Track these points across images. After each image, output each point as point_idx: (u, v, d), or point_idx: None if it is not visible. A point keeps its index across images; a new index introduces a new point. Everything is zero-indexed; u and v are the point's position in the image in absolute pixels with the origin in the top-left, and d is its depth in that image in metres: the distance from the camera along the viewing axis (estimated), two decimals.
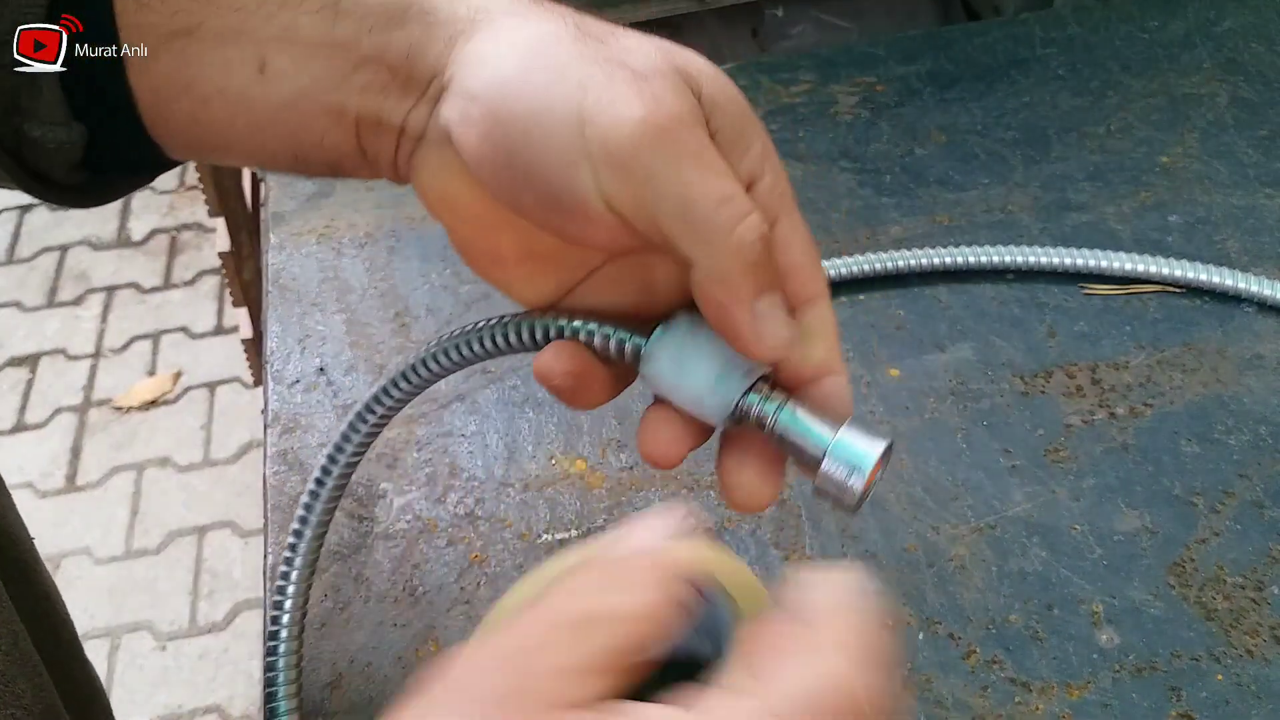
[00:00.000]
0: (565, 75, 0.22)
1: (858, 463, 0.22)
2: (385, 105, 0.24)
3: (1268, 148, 0.54)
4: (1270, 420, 0.42)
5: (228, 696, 1.17)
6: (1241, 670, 0.35)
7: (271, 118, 0.25)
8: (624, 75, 0.22)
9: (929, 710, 0.35)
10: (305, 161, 0.26)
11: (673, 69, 0.22)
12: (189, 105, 0.24)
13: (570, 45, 0.22)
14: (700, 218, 0.21)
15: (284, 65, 0.24)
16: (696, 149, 0.21)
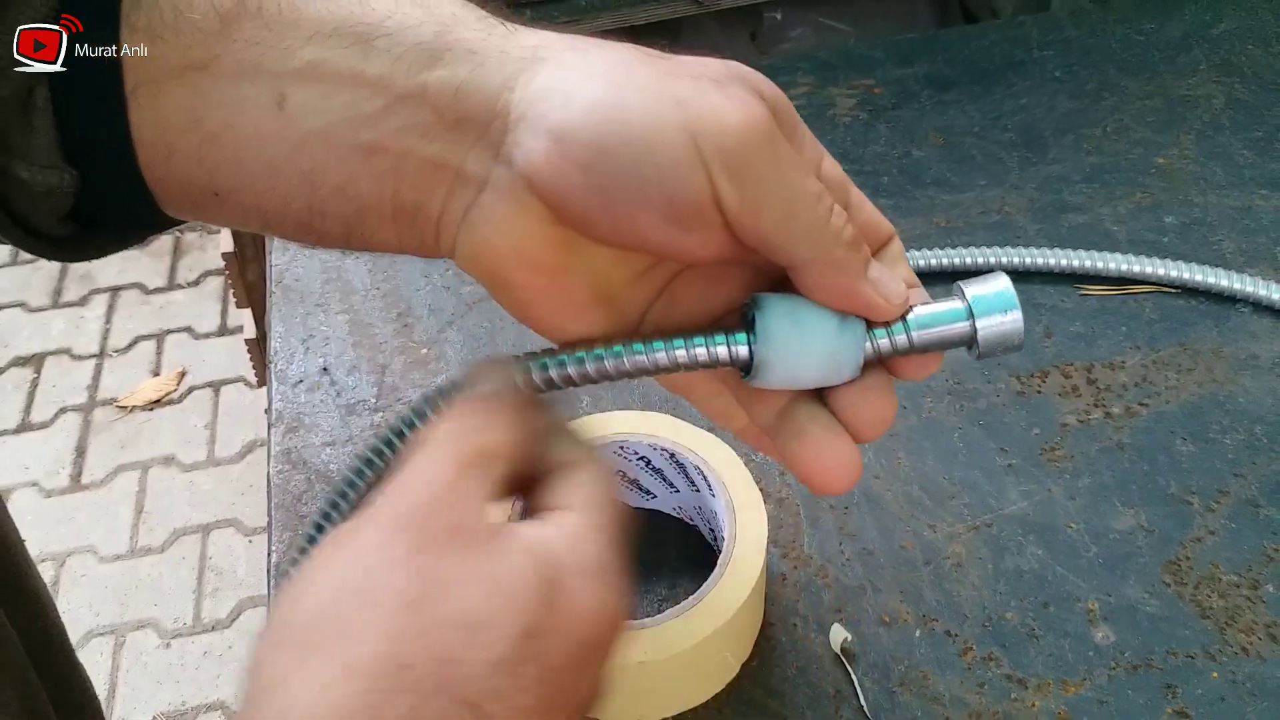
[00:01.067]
0: (659, 94, 0.22)
1: (1003, 304, 0.24)
2: (432, 149, 0.22)
3: (1263, 149, 0.54)
4: (1265, 419, 0.43)
5: (232, 694, 1.17)
6: (1237, 668, 0.35)
7: (288, 157, 0.23)
8: (711, 87, 0.22)
9: (926, 706, 0.35)
10: (320, 214, 0.23)
11: (740, 77, 0.23)
12: (196, 142, 0.23)
13: (647, 68, 0.23)
14: (805, 216, 0.23)
15: (306, 99, 0.22)
16: (788, 151, 0.23)
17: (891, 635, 0.37)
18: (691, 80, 0.22)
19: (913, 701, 0.35)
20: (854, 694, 0.35)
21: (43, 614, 0.37)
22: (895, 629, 0.37)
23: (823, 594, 0.38)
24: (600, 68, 0.22)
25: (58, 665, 0.37)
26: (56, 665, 0.36)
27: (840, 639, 0.36)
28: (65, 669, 0.38)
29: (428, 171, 0.23)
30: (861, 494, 0.41)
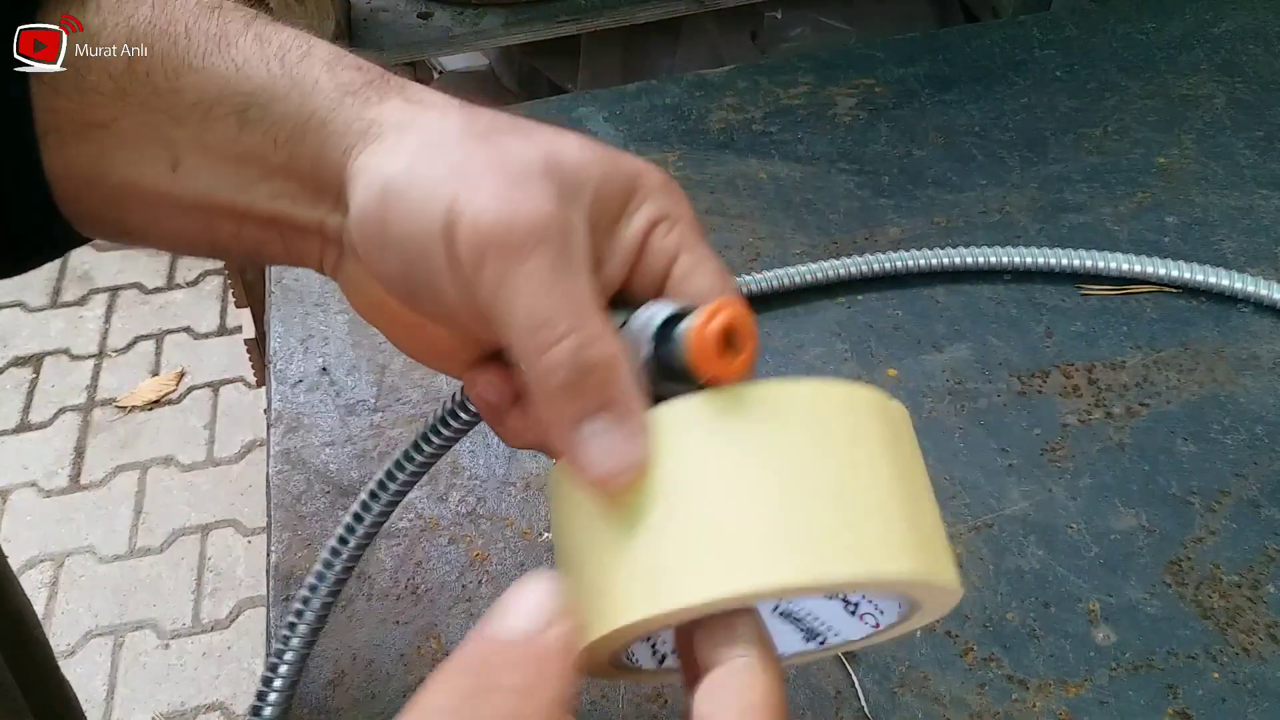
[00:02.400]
0: (442, 182, 0.22)
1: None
2: (302, 212, 0.25)
3: (1264, 149, 0.54)
4: (1266, 419, 0.42)
5: (231, 694, 1.17)
6: (1238, 668, 0.35)
7: (186, 211, 0.25)
8: (493, 182, 0.22)
9: (926, 707, 0.35)
10: (226, 250, 0.26)
11: (545, 172, 0.22)
12: (103, 193, 0.25)
13: (453, 150, 0.23)
14: (516, 339, 0.21)
15: (195, 165, 0.24)
16: (536, 266, 0.21)
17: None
18: (483, 171, 0.22)
19: (913, 702, 0.35)
20: (855, 694, 0.35)
21: (25, 629, 0.37)
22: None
23: None
24: (407, 150, 0.23)
25: (41, 680, 0.37)
26: (41, 681, 0.36)
27: None
28: (49, 684, 0.38)
29: (302, 231, 0.25)
30: None
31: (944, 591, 0.22)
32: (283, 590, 0.38)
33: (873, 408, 0.22)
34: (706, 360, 0.21)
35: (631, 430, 0.21)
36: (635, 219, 0.24)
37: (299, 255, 0.26)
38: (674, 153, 0.55)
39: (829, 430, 0.21)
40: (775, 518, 0.19)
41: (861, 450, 0.21)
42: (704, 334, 0.21)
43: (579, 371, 0.21)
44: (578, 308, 0.21)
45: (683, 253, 0.24)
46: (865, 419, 0.22)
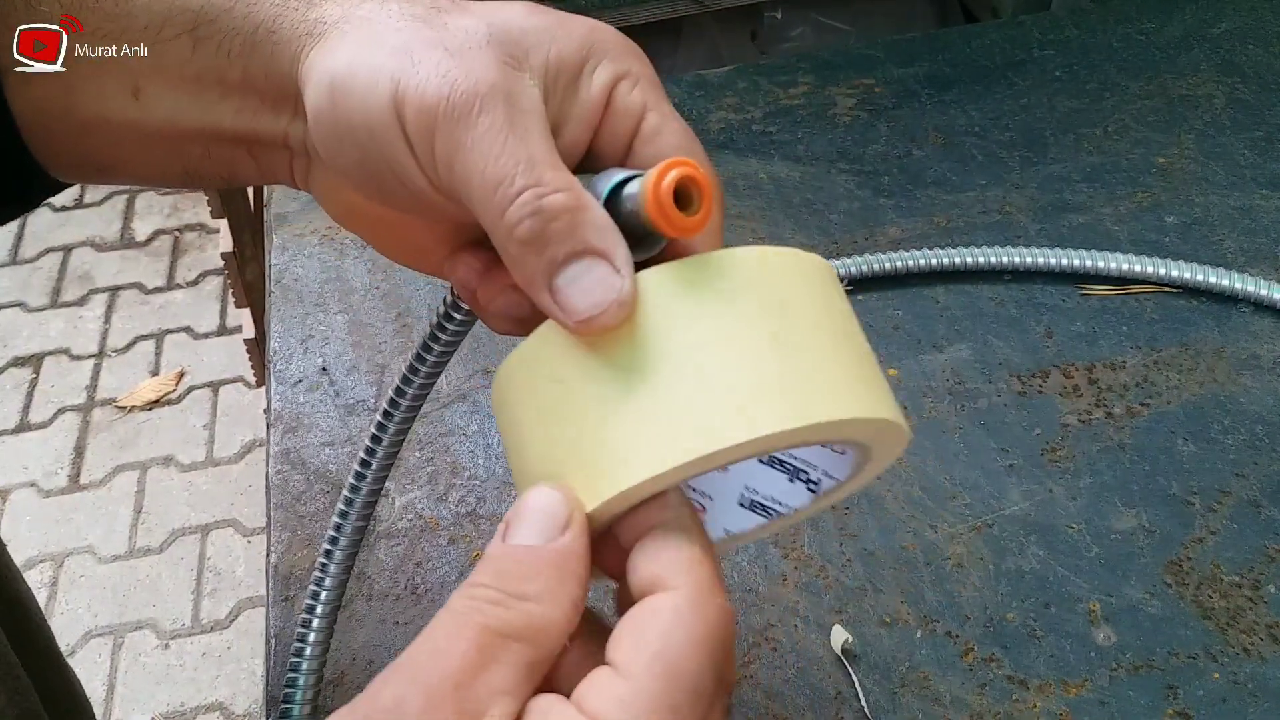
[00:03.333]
0: (384, 66, 0.22)
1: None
2: (262, 124, 0.25)
3: (1264, 149, 0.54)
4: (1266, 420, 0.42)
5: (230, 695, 1.17)
6: (1238, 669, 0.35)
7: (154, 137, 0.25)
8: (435, 57, 0.22)
9: (927, 708, 0.35)
10: (199, 176, 0.26)
11: (488, 41, 0.22)
12: (72, 129, 0.25)
13: (392, 35, 0.23)
14: (479, 205, 0.21)
15: (156, 91, 0.24)
16: (486, 128, 0.21)
17: (892, 636, 0.37)
18: (423, 49, 0.22)
19: (914, 703, 0.35)
20: (855, 695, 0.35)
21: (26, 616, 0.37)
22: (896, 630, 0.37)
23: (823, 595, 0.38)
24: (351, 43, 0.23)
25: (45, 668, 0.37)
26: (44, 668, 0.36)
27: (841, 640, 0.36)
28: (51, 671, 0.38)
29: (269, 145, 0.25)
30: (862, 495, 0.40)
31: (898, 431, 0.23)
32: (283, 590, 0.38)
33: (813, 267, 0.23)
34: (663, 216, 0.21)
35: (611, 267, 0.21)
36: (594, 79, 0.23)
37: (271, 171, 0.26)
38: None
39: (782, 291, 0.21)
40: (764, 371, 0.20)
41: (818, 306, 0.22)
42: (659, 189, 0.21)
43: (543, 219, 0.21)
44: (533, 162, 0.21)
45: (649, 111, 0.23)
46: (813, 279, 0.22)
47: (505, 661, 0.18)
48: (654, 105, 0.23)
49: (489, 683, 0.18)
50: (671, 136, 0.23)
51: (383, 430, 0.29)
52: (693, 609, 0.19)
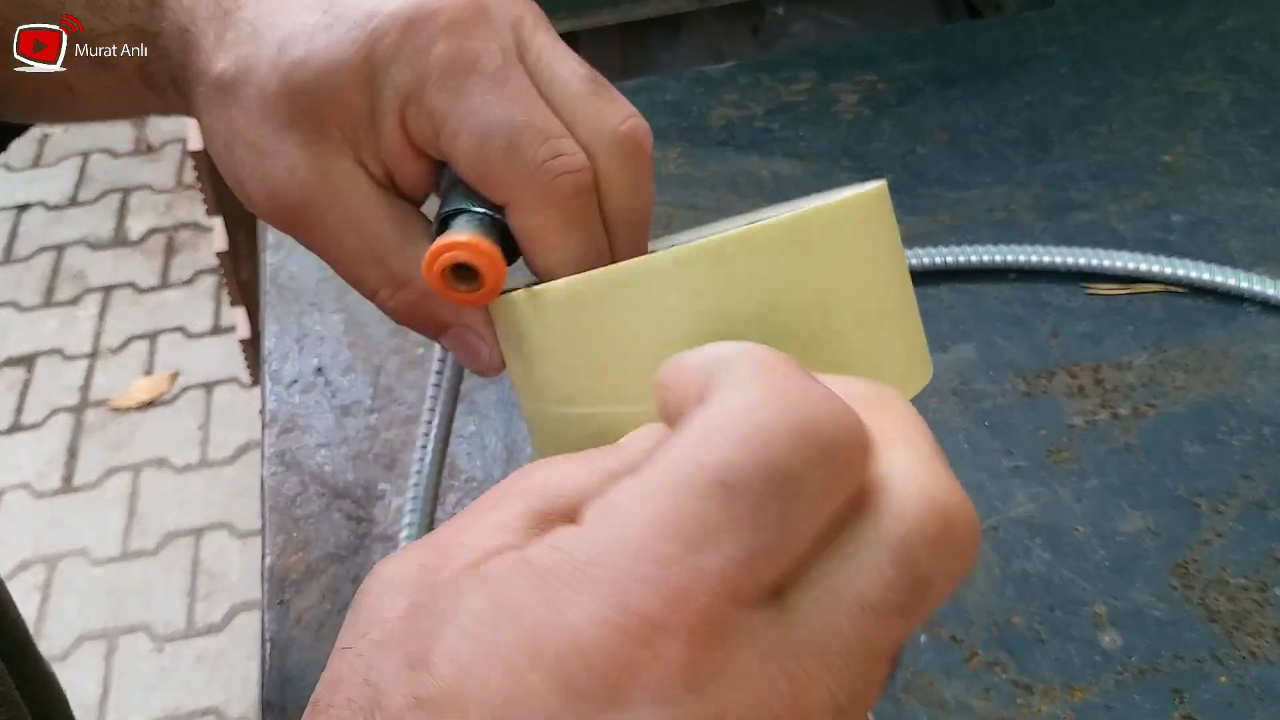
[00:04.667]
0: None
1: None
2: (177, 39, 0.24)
3: (1271, 147, 0.53)
4: (1274, 421, 0.42)
5: (225, 699, 1.16)
6: (1245, 672, 0.35)
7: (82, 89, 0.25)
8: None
9: (932, 712, 0.34)
10: (138, 100, 0.26)
11: (285, 126, 0.23)
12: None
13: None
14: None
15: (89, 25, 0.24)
16: (327, 239, 0.24)
17: None
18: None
19: (918, 707, 0.34)
20: None
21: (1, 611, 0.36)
22: None
23: None
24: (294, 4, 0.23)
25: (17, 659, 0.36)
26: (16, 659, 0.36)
27: None
28: (25, 662, 0.38)
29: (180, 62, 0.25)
30: None
31: None
32: (277, 594, 0.38)
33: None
34: (444, 296, 0.22)
35: (469, 343, 0.24)
36: (383, 120, 0.23)
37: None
38: (675, 150, 0.54)
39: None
40: None
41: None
42: (430, 273, 0.22)
43: (401, 314, 0.24)
44: (375, 259, 0.23)
45: (443, 119, 0.22)
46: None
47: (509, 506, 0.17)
48: (446, 107, 0.22)
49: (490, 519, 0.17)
50: (468, 138, 0.22)
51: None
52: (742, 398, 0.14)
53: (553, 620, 0.14)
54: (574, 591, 0.14)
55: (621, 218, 0.23)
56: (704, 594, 0.13)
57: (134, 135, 1.81)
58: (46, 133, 1.84)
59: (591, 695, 0.13)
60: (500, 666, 0.14)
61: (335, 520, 0.40)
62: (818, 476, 0.14)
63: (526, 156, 0.21)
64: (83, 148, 1.80)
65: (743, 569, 0.14)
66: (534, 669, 0.14)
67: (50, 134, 1.84)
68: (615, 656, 0.13)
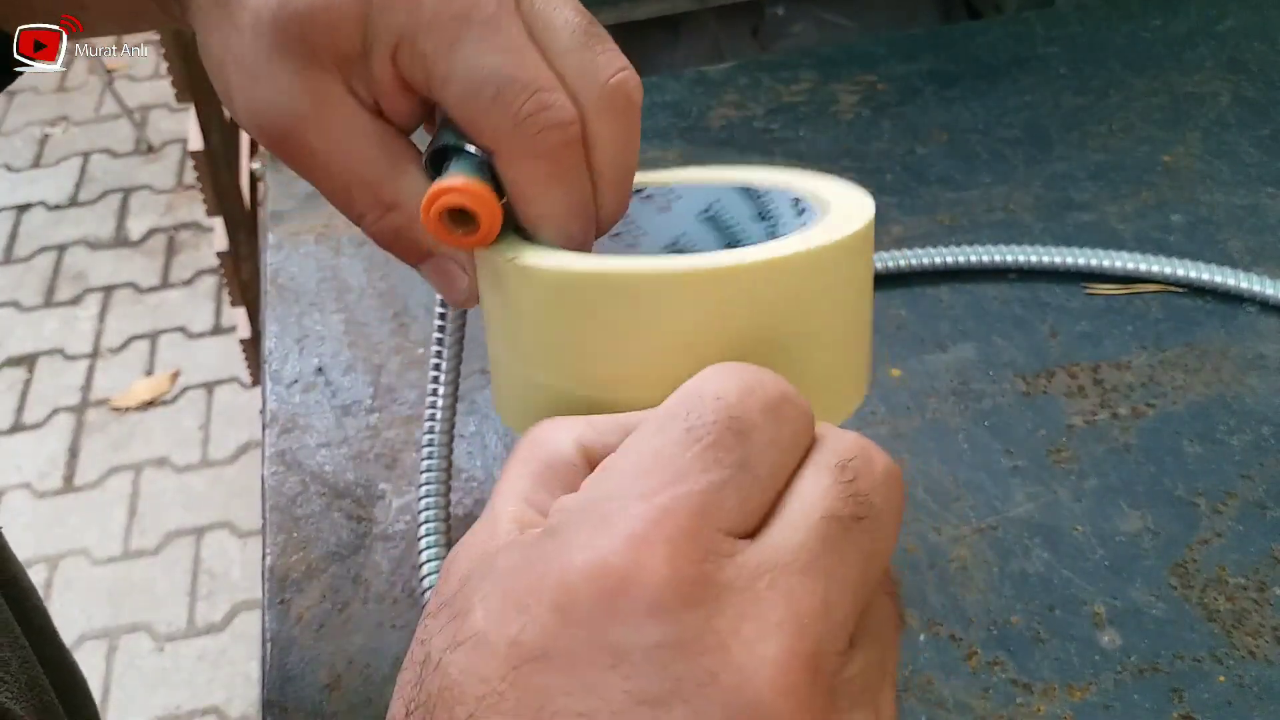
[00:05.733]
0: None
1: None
2: None
3: (1270, 147, 0.53)
4: (1273, 420, 0.42)
5: (226, 698, 1.17)
6: (1244, 671, 0.35)
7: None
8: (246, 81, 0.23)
9: (930, 712, 0.34)
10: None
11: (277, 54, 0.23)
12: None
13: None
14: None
15: None
16: (321, 156, 0.23)
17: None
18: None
19: (917, 706, 0.34)
20: None
21: (23, 595, 0.37)
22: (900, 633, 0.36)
23: None
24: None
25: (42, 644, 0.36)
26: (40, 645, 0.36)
27: None
28: (50, 649, 0.38)
29: None
30: None
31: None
32: (278, 593, 0.38)
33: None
34: (439, 238, 0.22)
35: (448, 274, 0.25)
36: (375, 59, 0.23)
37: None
38: (674, 150, 0.54)
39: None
40: None
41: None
42: (427, 217, 0.22)
43: (386, 238, 0.25)
44: (363, 183, 0.23)
45: (433, 64, 0.22)
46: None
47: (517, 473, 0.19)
48: (438, 53, 0.22)
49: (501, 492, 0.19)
50: (457, 86, 0.22)
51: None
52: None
53: (557, 563, 0.16)
54: (574, 533, 0.16)
55: (608, 170, 0.23)
56: (682, 513, 0.16)
57: (134, 136, 1.81)
58: (48, 132, 1.84)
59: (590, 615, 0.15)
60: (514, 605, 0.16)
61: (335, 520, 0.40)
62: (765, 423, 0.18)
63: (513, 108, 0.21)
64: (83, 148, 1.81)
65: (712, 496, 0.16)
66: (539, 602, 0.16)
67: (51, 134, 1.84)
68: (606, 576, 0.16)
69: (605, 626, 0.15)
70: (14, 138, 1.83)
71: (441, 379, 0.30)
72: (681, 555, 0.16)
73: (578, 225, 0.23)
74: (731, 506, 0.17)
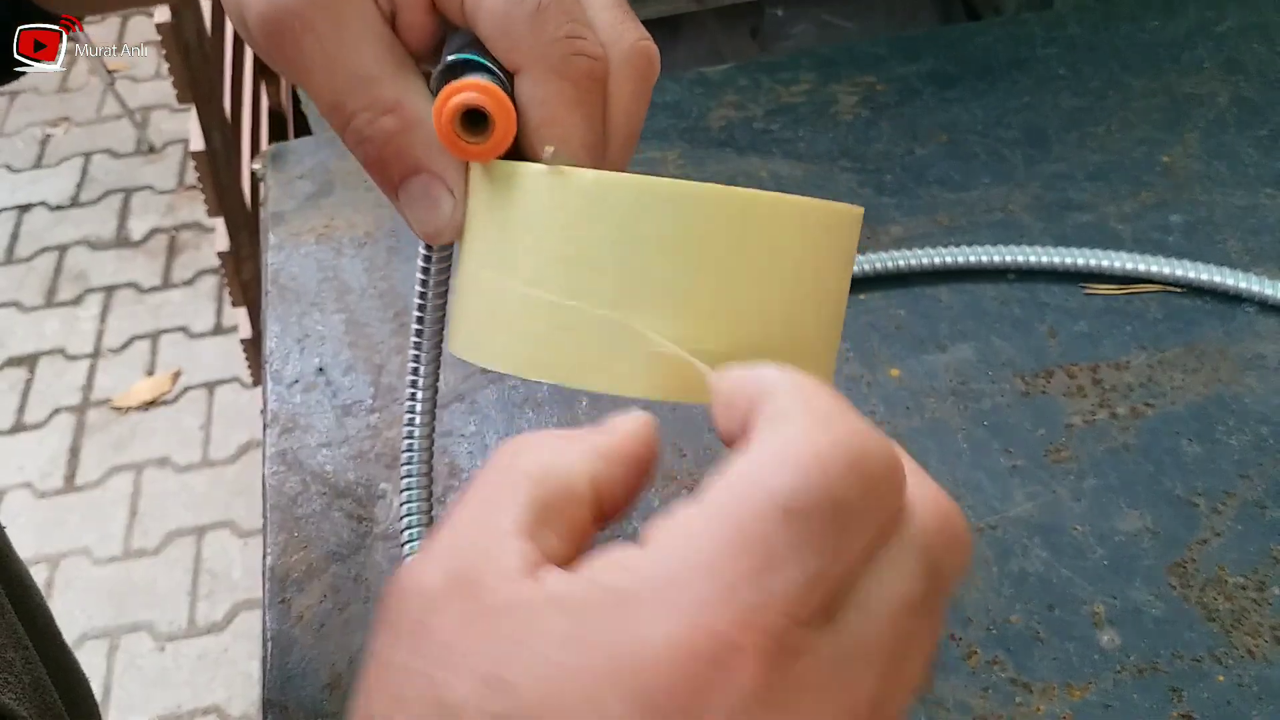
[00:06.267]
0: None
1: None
2: None
3: (1268, 147, 0.54)
4: (1271, 420, 0.42)
5: (226, 697, 1.17)
6: (1243, 671, 0.35)
7: None
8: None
9: (930, 711, 0.34)
10: None
11: None
12: None
13: None
14: (326, 120, 0.22)
15: None
16: (309, 50, 0.21)
17: None
18: None
19: (917, 706, 0.35)
20: None
21: (27, 596, 0.37)
22: None
23: None
24: None
25: (45, 644, 0.36)
26: (44, 645, 0.36)
27: None
28: (53, 648, 0.38)
29: None
30: None
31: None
32: (279, 592, 0.38)
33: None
34: (447, 142, 0.21)
35: (444, 188, 0.22)
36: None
37: None
38: (674, 151, 0.55)
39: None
40: None
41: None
42: (439, 119, 0.21)
43: (375, 145, 0.22)
44: (362, 79, 0.21)
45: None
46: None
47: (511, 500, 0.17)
48: None
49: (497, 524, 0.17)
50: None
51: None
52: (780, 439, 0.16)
53: (630, 643, 0.14)
54: (649, 613, 0.15)
55: (619, 126, 0.22)
56: (773, 613, 0.14)
57: (136, 136, 1.81)
58: (49, 133, 1.85)
59: (670, 716, 0.14)
60: (579, 688, 0.14)
61: (336, 519, 0.40)
62: (867, 505, 0.16)
63: (550, 27, 0.21)
64: (85, 148, 1.81)
65: (806, 590, 0.15)
66: (614, 692, 0.14)
67: (52, 135, 1.84)
68: (692, 678, 0.14)
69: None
70: (15, 138, 1.83)
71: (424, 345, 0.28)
72: (768, 663, 0.14)
73: (587, 161, 0.22)
74: (822, 596, 0.15)
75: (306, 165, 0.54)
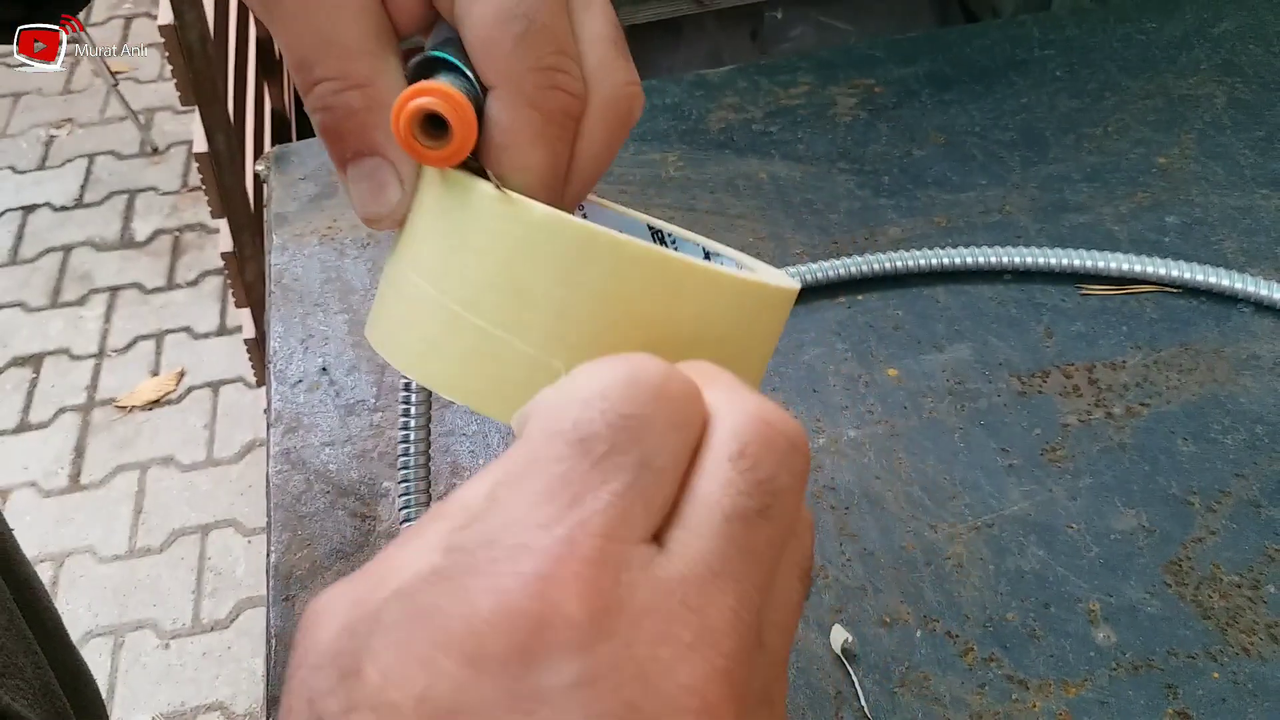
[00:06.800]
0: None
1: None
2: None
3: (1264, 149, 0.54)
4: (1266, 420, 0.42)
5: (231, 695, 1.17)
6: (1238, 668, 0.35)
7: None
8: None
9: (926, 707, 0.35)
10: None
11: None
12: None
13: None
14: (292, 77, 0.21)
15: None
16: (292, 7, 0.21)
17: (892, 636, 0.37)
18: None
19: (914, 703, 0.35)
20: (855, 695, 0.35)
21: (35, 599, 0.37)
22: (896, 630, 0.37)
23: (823, 595, 0.38)
24: None
25: (53, 646, 0.37)
26: (52, 647, 0.36)
27: (841, 640, 0.36)
28: (61, 650, 0.38)
29: None
30: (862, 494, 0.40)
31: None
32: (283, 590, 0.38)
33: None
34: (403, 142, 0.20)
35: (394, 174, 0.21)
36: None
37: None
38: (674, 152, 0.55)
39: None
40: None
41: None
42: (397, 123, 0.20)
43: (335, 116, 0.21)
44: (334, 49, 0.21)
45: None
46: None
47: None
48: None
49: None
50: (487, 8, 0.21)
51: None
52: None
53: (458, 608, 0.15)
54: (473, 578, 0.15)
55: (584, 166, 0.22)
56: (586, 541, 0.15)
57: (139, 138, 1.81)
58: (53, 134, 1.85)
59: (504, 663, 0.14)
60: (417, 661, 0.14)
61: (340, 518, 0.40)
62: (656, 413, 0.16)
63: (534, 54, 0.20)
64: (89, 150, 1.81)
65: (617, 509, 0.15)
66: (447, 655, 0.14)
67: (56, 136, 1.85)
68: (517, 620, 0.14)
69: (520, 674, 0.14)
70: (20, 140, 1.84)
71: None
72: (593, 588, 0.14)
73: (543, 195, 0.22)
74: (638, 513, 0.15)
75: (310, 167, 0.54)
